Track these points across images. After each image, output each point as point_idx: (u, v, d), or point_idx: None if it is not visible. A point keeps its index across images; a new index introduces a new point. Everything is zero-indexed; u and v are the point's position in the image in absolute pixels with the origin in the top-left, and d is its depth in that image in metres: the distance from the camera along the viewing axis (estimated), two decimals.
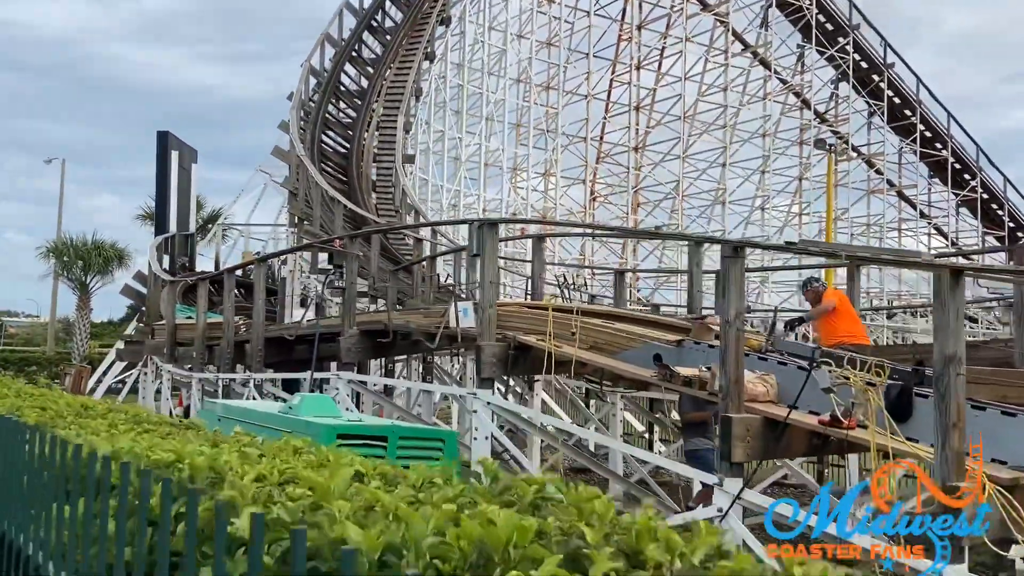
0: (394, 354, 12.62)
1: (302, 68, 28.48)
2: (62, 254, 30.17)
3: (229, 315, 15.30)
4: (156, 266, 20.82)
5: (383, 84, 29.07)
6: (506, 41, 33.44)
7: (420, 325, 10.31)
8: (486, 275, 8.59)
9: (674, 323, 8.91)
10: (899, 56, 42.31)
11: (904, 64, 42.33)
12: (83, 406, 5.67)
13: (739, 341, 6.21)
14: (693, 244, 10.55)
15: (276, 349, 14.77)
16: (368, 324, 11.54)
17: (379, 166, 26.83)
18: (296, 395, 7.76)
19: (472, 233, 8.66)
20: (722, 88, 40.54)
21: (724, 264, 6.27)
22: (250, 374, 13.97)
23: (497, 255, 8.93)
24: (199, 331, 16.14)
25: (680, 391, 7.18)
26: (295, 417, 7.36)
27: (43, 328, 51.38)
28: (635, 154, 38.24)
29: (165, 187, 25.40)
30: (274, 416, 7.74)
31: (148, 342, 18.71)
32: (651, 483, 10.43)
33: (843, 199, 41.36)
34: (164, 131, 25.78)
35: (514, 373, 8.96)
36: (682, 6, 38.99)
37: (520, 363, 8.67)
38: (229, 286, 15.41)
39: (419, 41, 30.19)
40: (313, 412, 7.44)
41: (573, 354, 7.96)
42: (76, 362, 29.40)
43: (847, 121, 42.07)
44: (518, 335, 8.52)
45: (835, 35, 41.45)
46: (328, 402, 7.70)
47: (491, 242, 8.66)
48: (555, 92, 36.19)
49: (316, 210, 21.31)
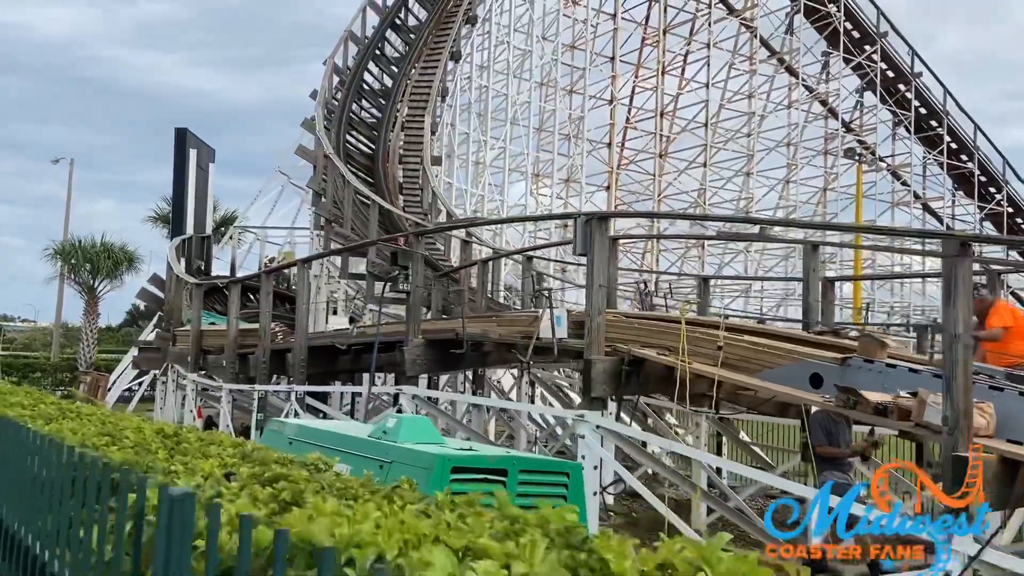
0: (464, 367, 11.45)
1: (325, 66, 27.41)
2: (69, 256, 28.92)
3: (266, 321, 14.11)
4: (178, 268, 19.59)
5: (408, 84, 27.99)
6: (531, 42, 32.45)
7: (503, 335, 9.16)
8: (595, 277, 7.43)
9: (808, 338, 7.76)
10: (926, 65, 41.52)
11: (931, 73, 41.53)
12: (161, 432, 4.50)
13: (967, 362, 5.07)
14: (809, 247, 9.40)
15: (317, 360, 13.59)
16: (436, 333, 10.36)
17: (405, 168, 25.71)
18: (387, 415, 6.55)
19: (578, 229, 7.51)
20: (747, 95, 39.63)
21: (947, 265, 5.15)
22: (293, 386, 12.76)
23: (607, 254, 7.77)
24: (231, 338, 14.94)
25: (871, 422, 6.04)
26: (392, 443, 6.16)
27: (42, 333, 49.97)
28: (660, 160, 37.24)
29: (182, 187, 24.20)
30: (363, 441, 6.54)
31: (170, 349, 17.47)
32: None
33: (868, 211, 40.33)
34: (182, 128, 24.61)
35: (625, 393, 7.77)
36: (708, 10, 38.06)
37: (633, 381, 7.49)
38: (266, 289, 14.23)
39: (445, 40, 29.14)
40: (413, 437, 6.25)
41: (712, 373, 6.79)
42: (82, 368, 28.13)
43: (874, 131, 41.21)
44: (633, 348, 7.36)
45: (861, 43, 40.63)
46: (427, 425, 6.49)
47: (600, 238, 7.52)
48: (578, 96, 35.23)
49: (347, 211, 20.14)
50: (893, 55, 40.62)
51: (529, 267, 14.32)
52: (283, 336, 14.71)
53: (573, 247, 7.75)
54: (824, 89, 41.27)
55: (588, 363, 7.37)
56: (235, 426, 15.00)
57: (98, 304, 29.12)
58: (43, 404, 6.51)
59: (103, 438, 4.10)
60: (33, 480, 2.67)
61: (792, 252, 33.25)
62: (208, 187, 25.70)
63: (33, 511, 2.59)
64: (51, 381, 28.36)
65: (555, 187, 34.20)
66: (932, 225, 42.56)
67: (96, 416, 5.60)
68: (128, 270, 29.46)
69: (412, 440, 6.20)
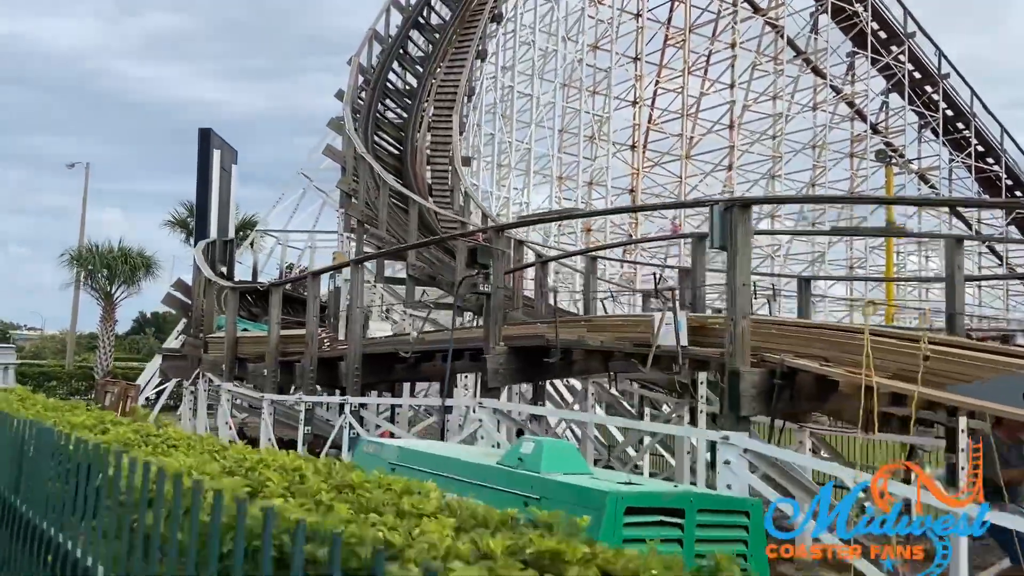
0: (550, 377, 10.57)
1: (350, 65, 26.62)
2: (87, 262, 28.05)
3: (313, 327, 13.25)
4: (208, 271, 18.74)
5: (433, 83, 27.20)
6: (557, 41, 31.69)
7: (606, 342, 8.30)
8: (737, 275, 6.57)
9: (996, 347, 6.83)
10: (953, 67, 40.77)
11: (958, 75, 40.78)
12: (279, 465, 3.63)
13: None
14: (953, 241, 8.54)
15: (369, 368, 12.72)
16: (521, 339, 9.48)
17: (433, 169, 24.91)
18: (523, 440, 5.64)
19: (716, 218, 6.64)
20: (771, 97, 38.86)
21: None
22: (347, 397, 11.89)
23: (750, 247, 6.89)
24: (272, 345, 14.07)
25: None
26: (536, 474, 5.27)
27: (51, 341, 49.10)
28: (686, 162, 36.46)
29: (206, 188, 23.35)
30: (494, 470, 5.65)
31: (205, 357, 16.60)
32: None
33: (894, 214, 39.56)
34: (206, 128, 23.79)
35: (775, 411, 6.85)
36: (733, 9, 37.32)
37: (783, 397, 6.60)
38: (313, 292, 13.36)
39: (470, 38, 28.38)
40: (559, 466, 5.36)
41: (909, 389, 5.85)
42: (99, 377, 27.24)
43: (902, 133, 40.47)
44: (787, 359, 6.48)
45: (888, 44, 39.89)
46: (572, 451, 5.58)
47: (744, 229, 6.66)
48: (601, 97, 34.46)
49: (382, 212, 19.29)
50: (921, 56, 39.90)
51: (594, 267, 13.46)
52: (331, 343, 13.84)
53: (709, 239, 6.87)
54: (850, 90, 40.52)
55: (734, 375, 6.47)
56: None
57: (115, 310, 28.25)
58: (109, 424, 5.64)
59: (230, 478, 3.22)
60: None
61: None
62: (231, 189, 24.87)
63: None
64: (66, 390, 27.48)
65: (579, 190, 33.43)
66: (959, 229, 41.79)
67: (183, 440, 4.75)
68: (146, 276, 28.61)
69: (559, 470, 5.32)
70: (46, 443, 3.90)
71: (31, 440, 3.94)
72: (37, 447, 3.90)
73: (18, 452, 4.22)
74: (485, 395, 9.47)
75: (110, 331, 28.14)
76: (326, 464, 3.78)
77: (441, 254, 17.91)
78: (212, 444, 4.59)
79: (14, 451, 4.29)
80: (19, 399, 8.32)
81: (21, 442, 4.08)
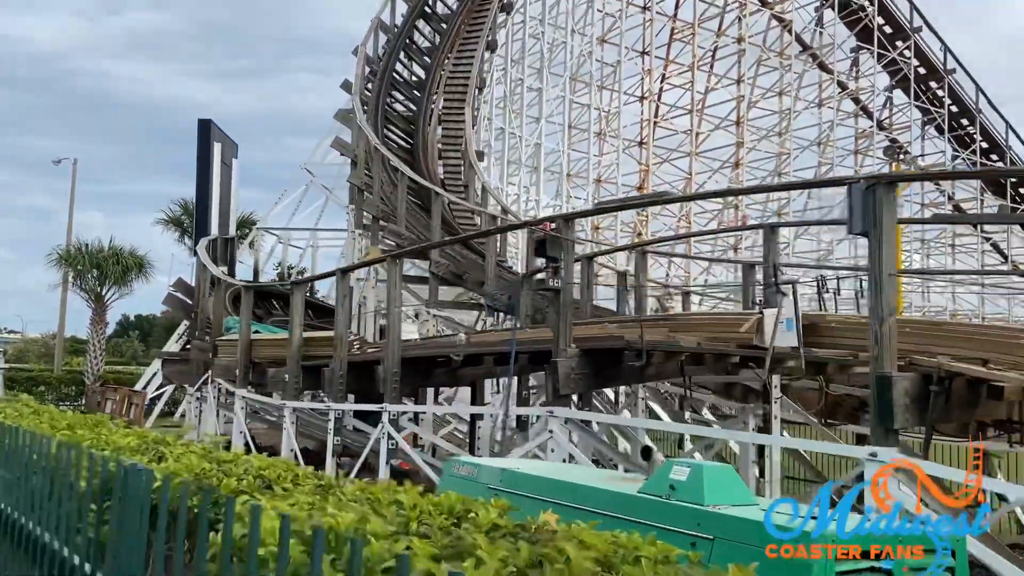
0: (622, 383, 9.59)
1: (356, 55, 25.52)
2: (75, 261, 26.70)
3: (342, 328, 12.18)
4: (215, 269, 17.57)
5: (442, 75, 26.16)
6: (566, 34, 30.75)
7: (705, 341, 7.34)
8: (884, 265, 5.65)
9: None
10: (959, 63, 40.28)
11: (964, 70, 40.29)
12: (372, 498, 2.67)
13: None
14: None
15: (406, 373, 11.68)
16: (595, 341, 8.49)
17: (445, 163, 23.87)
18: (672, 463, 4.66)
19: (856, 199, 5.70)
20: (777, 93, 38.19)
21: None
22: (385, 405, 10.84)
23: (894, 232, 5.97)
24: (294, 348, 12.98)
25: None
26: (698, 507, 4.30)
27: (34, 344, 47.46)
28: (693, 159, 35.67)
29: (206, 182, 22.14)
30: (635, 500, 4.66)
31: (214, 361, 15.46)
32: None
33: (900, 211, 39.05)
34: (206, 119, 22.60)
35: (924, 422, 5.90)
36: (741, 3, 36.57)
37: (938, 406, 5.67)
38: (343, 291, 12.27)
39: (479, 29, 27.37)
40: (722, 497, 4.39)
41: None
42: (89, 382, 25.94)
43: (907, 129, 39.94)
44: (945, 363, 5.56)
45: (893, 39, 39.36)
46: (732, 476, 4.62)
47: (890, 211, 5.73)
48: (608, 92, 33.59)
49: (400, 207, 18.24)
50: (927, 51, 39.39)
51: (643, 263, 12.50)
52: (360, 347, 12.78)
53: (848, 225, 5.92)
54: (855, 86, 39.95)
55: (883, 382, 5.54)
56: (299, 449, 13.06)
57: (106, 312, 26.91)
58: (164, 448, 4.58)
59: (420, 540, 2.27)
60: None
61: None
62: (232, 184, 23.65)
63: None
64: (55, 396, 26.12)
65: (589, 188, 32.55)
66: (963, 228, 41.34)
67: (268, 467, 3.71)
68: (138, 276, 27.28)
69: (725, 501, 4.35)
70: (136, 489, 2.85)
71: (117, 483, 2.87)
72: (125, 493, 2.84)
73: (87, 498, 3.11)
74: (556, 402, 8.46)
75: (101, 334, 26.79)
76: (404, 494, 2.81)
77: (467, 251, 16.90)
78: (327, 481, 3.55)
79: (77, 498, 3.15)
80: (32, 412, 7.25)
81: (101, 487, 3.00)
